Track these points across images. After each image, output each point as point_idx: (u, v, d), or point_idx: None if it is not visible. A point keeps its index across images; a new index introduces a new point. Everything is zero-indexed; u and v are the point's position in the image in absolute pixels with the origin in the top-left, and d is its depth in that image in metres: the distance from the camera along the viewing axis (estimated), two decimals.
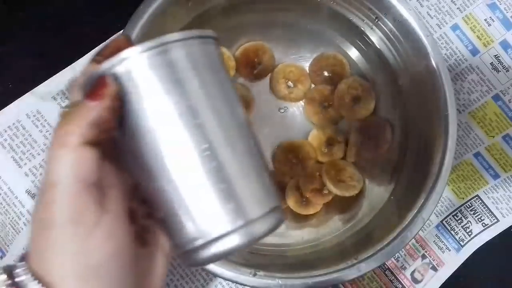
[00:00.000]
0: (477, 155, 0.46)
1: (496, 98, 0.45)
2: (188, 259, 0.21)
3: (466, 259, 0.45)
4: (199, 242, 0.20)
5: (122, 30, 0.34)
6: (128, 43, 0.21)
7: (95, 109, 0.19)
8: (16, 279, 0.18)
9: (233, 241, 0.20)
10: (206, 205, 0.20)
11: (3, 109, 0.43)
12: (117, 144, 0.21)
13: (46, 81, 0.43)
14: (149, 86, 0.19)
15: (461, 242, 0.45)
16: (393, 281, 0.44)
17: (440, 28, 0.45)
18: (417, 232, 0.34)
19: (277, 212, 0.22)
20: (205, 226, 0.20)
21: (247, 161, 0.21)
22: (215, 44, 0.22)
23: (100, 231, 0.19)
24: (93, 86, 0.19)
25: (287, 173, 0.43)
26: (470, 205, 0.46)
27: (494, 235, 0.45)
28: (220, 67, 0.22)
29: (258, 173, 0.21)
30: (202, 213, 0.20)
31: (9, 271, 0.19)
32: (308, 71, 0.44)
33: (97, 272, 0.19)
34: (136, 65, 0.19)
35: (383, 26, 0.39)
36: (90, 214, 0.18)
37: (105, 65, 0.20)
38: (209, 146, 0.20)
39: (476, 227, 0.45)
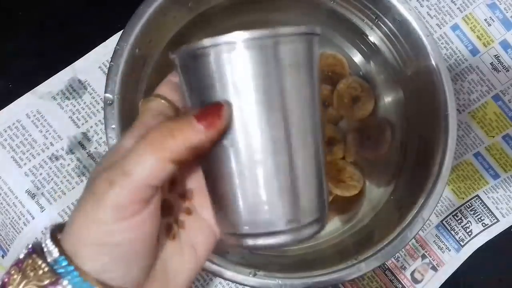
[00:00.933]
0: (477, 155, 0.46)
1: (496, 98, 0.45)
2: (232, 239, 0.22)
3: (466, 259, 0.45)
4: (250, 231, 0.21)
5: (122, 30, 0.34)
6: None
7: (201, 135, 0.20)
8: (42, 242, 0.20)
9: (278, 239, 0.21)
10: (270, 199, 0.21)
11: (3, 109, 0.43)
12: None
13: (46, 81, 0.43)
14: (248, 70, 0.20)
15: (461, 242, 0.45)
16: (393, 281, 0.44)
17: (440, 28, 0.45)
18: (417, 232, 0.34)
19: (322, 221, 0.23)
20: (260, 219, 0.21)
21: (316, 168, 0.22)
22: (317, 42, 0.22)
23: (135, 220, 0.20)
24: (209, 111, 0.20)
25: None
26: (470, 205, 0.46)
27: (494, 235, 0.45)
28: (316, 66, 0.22)
29: (319, 183, 0.22)
30: (265, 206, 0.21)
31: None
32: None
33: (112, 250, 0.20)
34: (241, 49, 0.20)
35: (383, 26, 0.39)
36: (135, 207, 0.20)
37: (207, 42, 0.20)
38: (288, 142, 0.21)
39: (476, 227, 0.45)
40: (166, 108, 0.24)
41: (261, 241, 0.21)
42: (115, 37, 0.43)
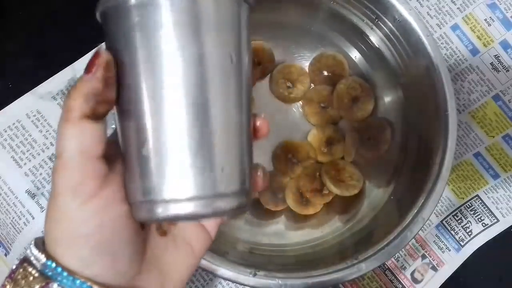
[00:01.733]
0: (477, 155, 0.46)
1: (496, 98, 0.45)
2: (142, 210, 0.20)
3: (466, 259, 0.45)
4: (161, 196, 0.20)
5: None
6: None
7: (89, 82, 0.19)
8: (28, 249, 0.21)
9: (192, 207, 0.19)
10: (181, 161, 0.19)
11: (3, 109, 0.43)
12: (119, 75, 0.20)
13: (46, 81, 0.43)
14: (168, 20, 0.19)
15: (461, 242, 0.45)
16: (393, 281, 0.45)
17: (440, 28, 0.45)
18: (417, 232, 0.34)
19: (243, 196, 0.21)
20: (172, 182, 0.19)
21: (234, 135, 0.20)
22: (247, 9, 0.22)
23: (96, 202, 0.19)
24: (90, 60, 0.19)
25: (287, 173, 0.43)
26: (470, 205, 0.46)
27: (494, 235, 0.45)
28: (244, 32, 0.21)
29: (239, 151, 0.21)
30: (175, 168, 0.19)
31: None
32: (307, 71, 0.44)
33: (87, 241, 0.19)
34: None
35: (383, 26, 0.39)
36: (89, 185, 0.19)
37: None
38: (204, 101, 0.19)
39: (476, 227, 0.45)
40: None
41: (172, 209, 0.19)
42: None
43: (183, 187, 0.19)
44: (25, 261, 0.20)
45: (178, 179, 0.19)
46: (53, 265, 0.19)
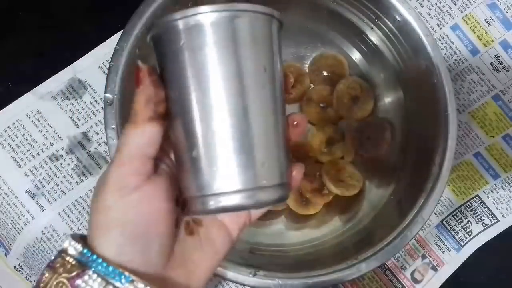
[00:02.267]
0: (477, 155, 0.46)
1: (496, 98, 0.45)
2: (197, 204, 0.23)
3: (466, 259, 0.45)
4: (210, 191, 0.22)
5: (122, 30, 0.34)
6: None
7: (143, 91, 0.22)
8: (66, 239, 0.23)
9: (238, 199, 0.22)
10: (227, 160, 0.22)
11: (3, 109, 0.43)
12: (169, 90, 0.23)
13: (46, 81, 0.43)
14: (210, 41, 0.22)
15: (461, 242, 0.45)
16: (393, 281, 0.45)
17: (440, 28, 0.45)
18: (417, 232, 0.34)
19: (283, 188, 0.24)
20: (221, 179, 0.22)
21: (272, 133, 0.23)
22: (278, 27, 0.25)
23: (138, 195, 0.22)
24: (135, 76, 0.23)
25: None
26: (470, 205, 0.46)
27: (494, 235, 0.45)
28: (276, 46, 0.24)
29: (278, 147, 0.24)
30: (222, 167, 0.22)
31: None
32: (307, 71, 0.44)
33: (124, 228, 0.22)
34: (206, 20, 0.22)
35: (383, 26, 0.39)
36: (134, 179, 0.22)
37: (176, 16, 0.22)
38: (244, 107, 0.22)
39: (476, 227, 0.45)
40: None
41: (222, 202, 0.22)
42: (115, 37, 0.43)
43: (230, 182, 0.22)
44: (62, 251, 0.22)
45: (225, 176, 0.22)
46: (89, 253, 0.21)
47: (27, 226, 0.42)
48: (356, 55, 0.44)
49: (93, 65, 0.44)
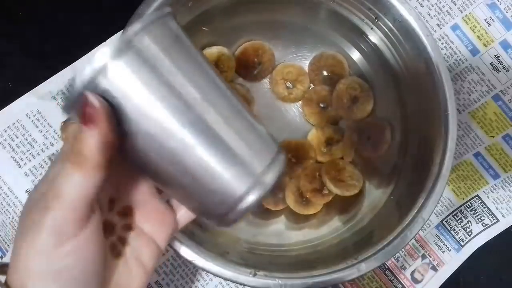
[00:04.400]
0: (477, 155, 0.46)
1: (496, 98, 0.45)
2: (220, 222, 0.23)
3: (466, 259, 0.45)
4: (223, 210, 0.23)
5: (122, 30, 0.34)
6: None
7: (96, 135, 0.19)
8: None
9: (251, 197, 0.22)
10: (216, 176, 0.22)
11: (3, 109, 0.43)
12: (122, 148, 0.21)
13: (46, 81, 0.43)
14: (129, 82, 0.20)
15: (461, 242, 0.45)
16: (393, 281, 0.45)
17: (440, 28, 0.45)
18: (417, 232, 0.34)
19: (278, 157, 0.24)
20: (223, 195, 0.22)
21: (238, 122, 0.23)
22: (172, 20, 0.22)
23: (73, 243, 0.20)
24: (81, 110, 0.19)
25: (286, 173, 0.43)
26: (470, 205, 0.46)
27: (494, 235, 0.45)
28: (185, 39, 0.22)
29: (251, 130, 0.23)
30: (217, 185, 0.22)
31: None
32: (307, 71, 0.44)
33: (58, 275, 0.20)
34: (109, 69, 0.20)
35: (383, 26, 0.39)
36: (72, 227, 0.20)
37: (81, 81, 0.20)
38: (197, 120, 0.21)
39: (476, 227, 0.45)
40: None
41: (239, 210, 0.22)
42: (115, 37, 0.43)
43: (234, 191, 0.22)
44: None
45: (226, 189, 0.22)
46: None
47: None
48: (356, 55, 0.44)
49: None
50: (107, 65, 0.19)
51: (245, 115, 0.23)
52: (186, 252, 0.32)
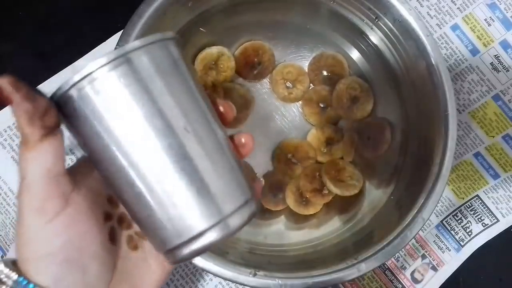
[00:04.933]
0: (477, 155, 0.46)
1: (496, 98, 0.45)
2: (171, 257, 0.22)
3: (466, 259, 0.45)
4: (179, 241, 0.21)
5: (122, 30, 0.34)
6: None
7: (18, 108, 0.19)
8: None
9: (210, 237, 0.21)
10: (181, 206, 0.21)
11: (3, 109, 0.43)
12: (91, 159, 0.21)
13: (46, 81, 0.43)
14: (115, 95, 0.20)
15: (461, 242, 0.45)
16: (393, 281, 0.44)
17: (440, 28, 0.45)
18: (417, 232, 0.34)
19: (250, 204, 0.23)
20: (183, 226, 0.21)
21: (217, 158, 0.22)
22: (175, 45, 0.22)
23: (61, 220, 0.20)
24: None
25: (287, 173, 0.43)
26: (470, 205, 0.46)
27: (494, 235, 0.45)
28: (183, 67, 0.22)
29: (228, 169, 0.22)
30: (178, 215, 0.21)
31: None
32: (307, 71, 0.44)
33: (54, 259, 0.20)
34: (99, 78, 0.19)
35: (383, 26, 0.39)
36: (53, 204, 0.20)
37: (67, 84, 0.20)
38: (177, 147, 0.20)
39: (476, 227, 0.45)
40: None
41: (194, 246, 0.21)
42: (115, 37, 0.43)
43: (196, 225, 0.21)
44: None
45: (188, 221, 0.21)
46: (25, 282, 0.20)
47: None
48: (356, 55, 0.44)
49: None
50: (99, 72, 0.19)
51: (228, 155, 0.22)
52: None
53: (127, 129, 0.20)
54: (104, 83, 0.20)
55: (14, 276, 0.20)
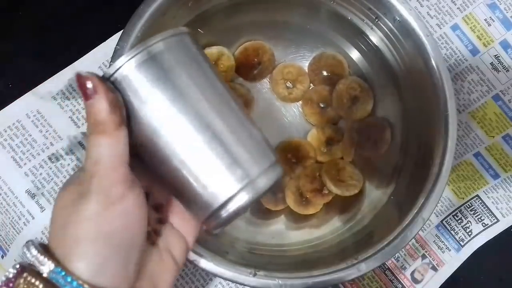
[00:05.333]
0: (477, 155, 0.46)
1: (496, 98, 0.45)
2: (211, 222, 0.25)
3: (466, 259, 0.45)
4: (216, 205, 0.24)
5: (122, 30, 0.34)
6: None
7: (100, 99, 0.21)
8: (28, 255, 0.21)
9: (243, 198, 0.24)
10: (212, 174, 0.23)
11: (3, 109, 0.43)
12: (134, 144, 0.23)
13: (46, 81, 0.43)
14: (143, 84, 0.23)
15: (461, 242, 0.45)
16: (393, 281, 0.45)
17: (440, 28, 0.45)
18: (417, 232, 0.34)
19: (275, 166, 0.25)
20: (216, 192, 0.23)
21: (239, 128, 0.25)
22: (190, 38, 0.25)
23: (122, 205, 0.21)
24: (81, 91, 0.21)
25: (287, 173, 0.43)
26: (470, 205, 0.46)
27: (494, 235, 0.45)
28: (197, 54, 0.25)
29: (251, 136, 0.25)
30: (211, 182, 0.23)
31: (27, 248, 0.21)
32: (307, 71, 0.44)
33: (109, 239, 0.21)
34: (128, 70, 0.22)
35: (383, 26, 0.39)
36: (119, 188, 0.21)
37: (103, 74, 0.22)
38: (203, 123, 0.23)
39: (476, 227, 0.45)
40: None
41: (230, 208, 0.24)
42: (115, 37, 0.43)
43: (228, 189, 0.24)
44: (24, 270, 0.19)
45: (221, 187, 0.24)
46: (63, 273, 0.19)
47: (26, 226, 0.42)
48: (356, 55, 0.44)
49: (93, 65, 0.44)
50: (124, 66, 0.22)
51: (248, 126, 0.25)
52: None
53: (154, 111, 0.23)
54: (131, 75, 0.22)
55: (51, 265, 0.20)
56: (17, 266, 0.20)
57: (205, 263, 0.32)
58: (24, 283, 0.19)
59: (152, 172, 0.24)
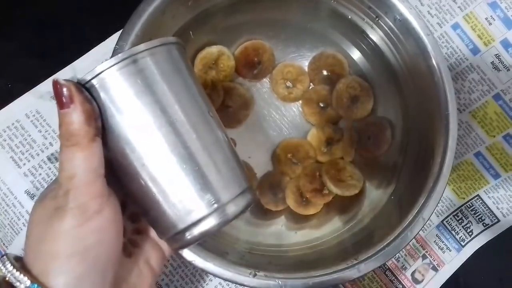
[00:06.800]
0: (477, 154, 0.45)
1: (497, 97, 0.45)
2: (174, 242, 0.24)
3: (467, 259, 0.45)
4: (181, 226, 0.23)
5: (121, 30, 0.34)
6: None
7: (76, 109, 0.21)
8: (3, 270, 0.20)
9: (209, 223, 0.23)
10: (182, 195, 0.23)
11: (2, 109, 0.43)
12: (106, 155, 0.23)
13: (46, 81, 0.43)
14: (122, 93, 0.22)
15: (461, 242, 0.45)
16: (393, 281, 0.44)
17: (441, 27, 0.45)
18: (418, 232, 0.33)
19: (246, 194, 0.25)
20: (184, 213, 0.23)
21: (216, 151, 0.24)
22: (178, 49, 0.24)
23: (98, 220, 0.21)
24: (56, 96, 0.21)
25: (287, 173, 0.43)
26: (471, 205, 0.46)
27: (495, 235, 0.45)
28: (183, 68, 0.24)
29: (226, 161, 0.24)
30: (180, 202, 0.23)
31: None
32: (307, 70, 0.44)
33: (85, 255, 0.20)
34: (108, 77, 0.22)
35: (383, 25, 0.38)
36: (95, 203, 0.21)
37: (81, 79, 0.22)
38: (179, 140, 0.22)
39: (476, 227, 0.45)
40: None
41: (195, 231, 0.23)
42: (115, 37, 0.43)
43: (195, 212, 0.23)
44: (0, 285, 0.20)
45: (188, 209, 0.23)
46: None
47: (26, 227, 0.41)
48: (356, 54, 0.44)
49: (93, 65, 0.43)
50: (105, 72, 0.21)
51: (225, 149, 0.25)
52: (186, 252, 0.32)
53: (130, 121, 0.22)
54: (111, 82, 0.22)
55: (27, 281, 0.19)
56: None
57: (205, 264, 0.32)
58: None
59: (122, 185, 0.24)
